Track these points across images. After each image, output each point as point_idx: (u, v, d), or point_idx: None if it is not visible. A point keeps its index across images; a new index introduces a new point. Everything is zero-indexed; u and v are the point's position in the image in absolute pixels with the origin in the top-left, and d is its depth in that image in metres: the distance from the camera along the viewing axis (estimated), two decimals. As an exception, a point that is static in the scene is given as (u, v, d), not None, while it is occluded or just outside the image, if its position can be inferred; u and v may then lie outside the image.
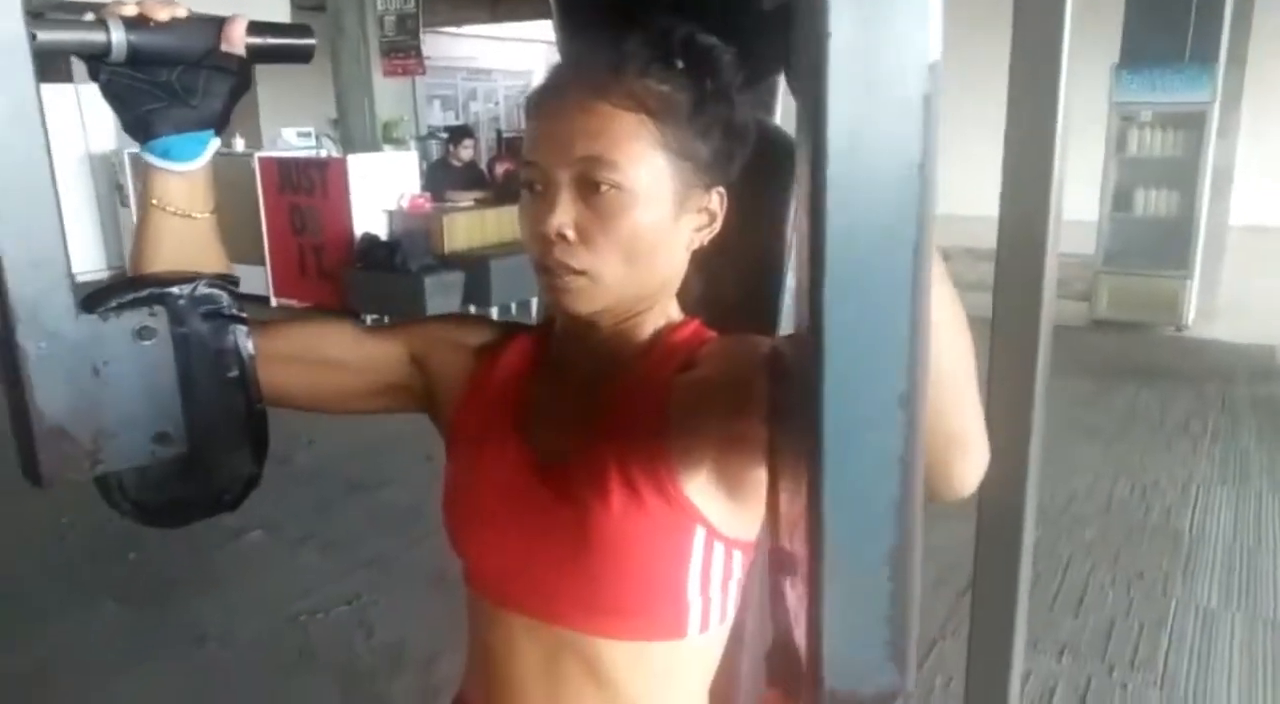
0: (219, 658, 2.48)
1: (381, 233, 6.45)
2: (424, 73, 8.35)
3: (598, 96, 0.78)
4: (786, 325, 0.97)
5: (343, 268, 6.39)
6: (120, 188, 7.66)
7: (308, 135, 7.22)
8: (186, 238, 0.88)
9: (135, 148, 1.11)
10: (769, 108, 1.06)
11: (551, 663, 0.85)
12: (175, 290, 0.81)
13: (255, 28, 0.87)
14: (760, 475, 0.84)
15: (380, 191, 6.59)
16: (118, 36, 0.79)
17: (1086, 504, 3.48)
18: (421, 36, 8.18)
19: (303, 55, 0.92)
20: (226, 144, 8.24)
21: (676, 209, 0.81)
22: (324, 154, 6.87)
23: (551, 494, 0.83)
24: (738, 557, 0.84)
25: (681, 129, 0.80)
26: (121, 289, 0.79)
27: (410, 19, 8.16)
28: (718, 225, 0.86)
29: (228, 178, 6.86)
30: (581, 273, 0.79)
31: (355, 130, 8.07)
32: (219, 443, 0.83)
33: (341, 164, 6.49)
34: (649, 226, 0.80)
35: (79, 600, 2.78)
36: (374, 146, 7.62)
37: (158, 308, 0.79)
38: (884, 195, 0.39)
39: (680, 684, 0.86)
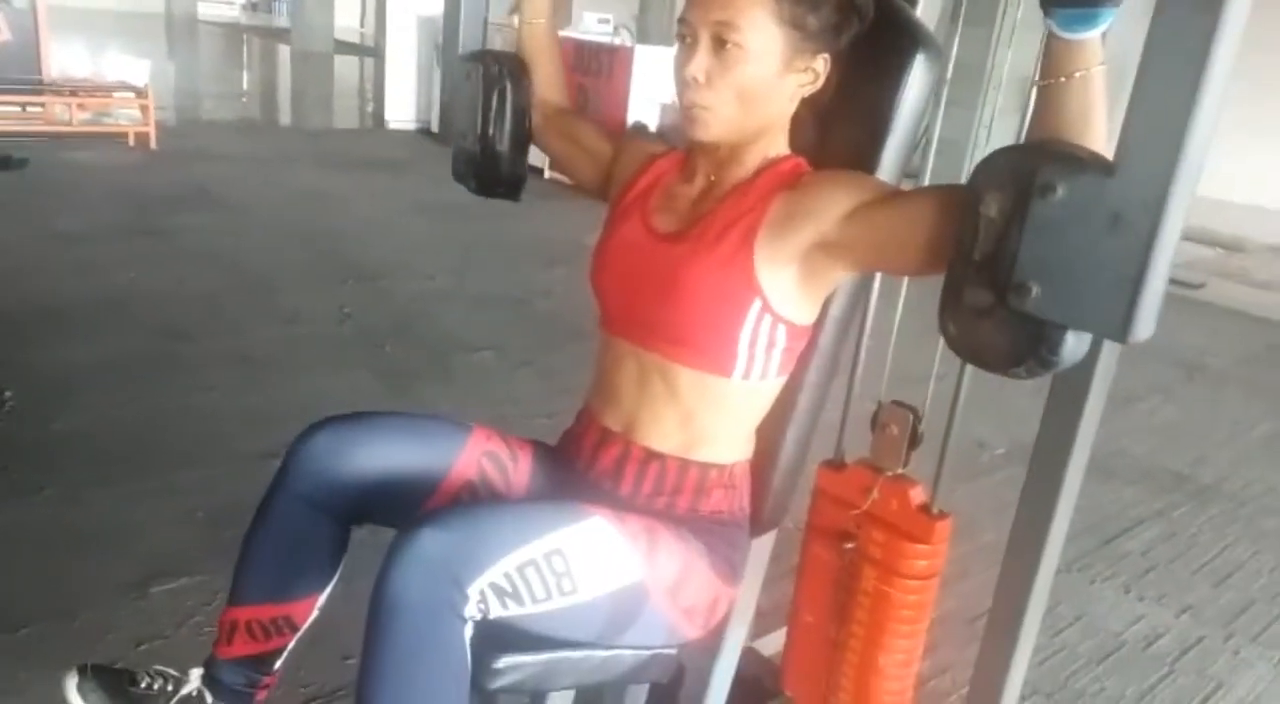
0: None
1: (651, 123, 6.84)
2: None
3: None
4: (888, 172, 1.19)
5: (611, 150, 6.85)
6: (437, 48, 8.10)
7: (606, 22, 7.64)
8: (535, 37, 1.42)
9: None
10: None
11: (642, 377, 1.17)
12: (485, 57, 1.40)
13: None
14: (836, 275, 1.10)
15: (660, 85, 6.96)
16: None
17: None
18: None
19: None
20: (535, 22, 8.85)
21: (783, 68, 1.08)
22: (618, 42, 7.29)
23: (660, 256, 1.14)
24: (782, 330, 1.11)
25: (798, 4, 1.05)
26: (472, 52, 1.43)
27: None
28: (819, 83, 1.11)
29: (529, 52, 7.43)
30: (706, 108, 1.08)
31: (654, 24, 8.47)
32: (488, 155, 1.42)
33: (629, 53, 6.90)
34: (758, 78, 1.07)
35: (343, 368, 3.45)
36: (668, 43, 7.95)
37: (477, 64, 1.39)
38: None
39: (726, 412, 1.16)
